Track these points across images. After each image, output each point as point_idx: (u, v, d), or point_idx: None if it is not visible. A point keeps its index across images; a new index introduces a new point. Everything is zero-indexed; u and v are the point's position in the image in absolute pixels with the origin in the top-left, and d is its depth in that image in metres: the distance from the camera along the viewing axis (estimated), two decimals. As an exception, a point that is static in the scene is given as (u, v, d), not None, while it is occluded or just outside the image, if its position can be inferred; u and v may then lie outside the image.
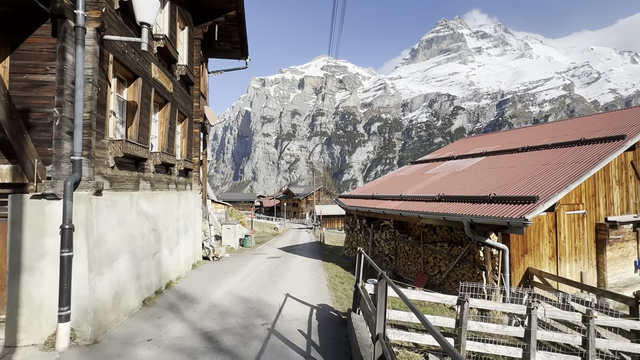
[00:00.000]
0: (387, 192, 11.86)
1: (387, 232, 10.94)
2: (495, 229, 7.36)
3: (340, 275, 9.79)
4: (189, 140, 11.34)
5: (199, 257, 11.52)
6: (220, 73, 14.42)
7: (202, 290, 7.73)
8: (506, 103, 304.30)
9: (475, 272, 7.91)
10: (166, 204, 8.31)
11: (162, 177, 8.38)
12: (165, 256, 8.01)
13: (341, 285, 8.50)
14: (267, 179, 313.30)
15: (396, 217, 9.92)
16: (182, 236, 9.58)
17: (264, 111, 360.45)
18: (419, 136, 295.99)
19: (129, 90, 6.91)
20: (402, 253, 10.39)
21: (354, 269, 11.45)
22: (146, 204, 6.95)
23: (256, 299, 6.95)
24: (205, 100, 13.50)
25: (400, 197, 10.45)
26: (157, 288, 7.30)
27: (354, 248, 12.92)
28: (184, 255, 9.74)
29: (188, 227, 10.28)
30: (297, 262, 12.51)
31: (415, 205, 9.42)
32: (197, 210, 11.41)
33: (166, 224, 8.16)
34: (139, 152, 6.49)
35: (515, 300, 7.22)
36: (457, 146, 16.10)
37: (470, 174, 10.39)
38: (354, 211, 12.12)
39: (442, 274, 8.79)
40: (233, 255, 14.05)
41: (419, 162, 15.62)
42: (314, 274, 9.79)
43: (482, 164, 11.13)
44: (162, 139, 8.84)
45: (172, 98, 9.25)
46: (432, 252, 9.14)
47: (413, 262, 9.89)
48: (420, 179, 12.20)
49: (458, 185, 9.60)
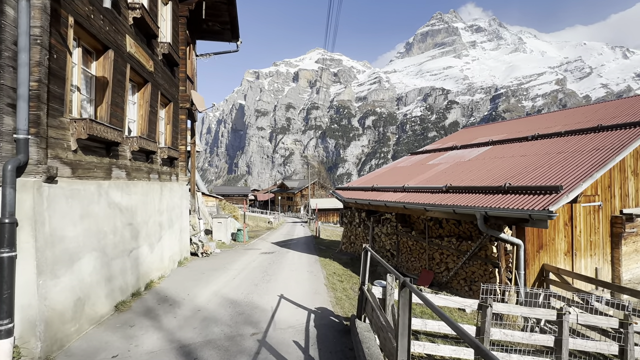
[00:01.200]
0: (388, 183, 11.12)
1: (389, 226, 10.22)
2: (510, 223, 6.66)
3: (338, 273, 9.06)
4: (174, 127, 10.44)
5: (186, 254, 10.70)
6: (209, 56, 13.45)
7: (187, 291, 6.93)
8: (500, 97, 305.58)
9: (487, 269, 7.22)
10: (146, 195, 7.45)
11: (141, 166, 7.51)
12: (145, 253, 7.18)
13: (340, 284, 7.77)
14: (262, 172, 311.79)
15: (399, 210, 9.19)
16: (166, 231, 8.74)
17: (258, 104, 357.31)
18: (413, 130, 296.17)
19: (99, 64, 6.00)
20: (404, 248, 9.68)
21: (353, 265, 10.75)
22: (120, 195, 6.10)
23: (246, 301, 6.17)
24: (193, 85, 12.56)
25: (403, 189, 9.71)
26: (135, 290, 6.49)
27: (352, 243, 12.21)
28: (169, 251, 8.91)
29: (173, 221, 9.44)
30: (292, 258, 11.75)
31: (420, 196, 8.69)
32: (183, 202, 10.56)
33: (146, 217, 7.32)
34: (110, 134, 5.62)
35: (531, 302, 6.56)
36: (459, 136, 15.39)
37: (477, 164, 9.68)
38: (353, 204, 11.37)
39: (450, 271, 8.10)
40: (224, 251, 13.25)
41: (420, 153, 14.89)
42: (311, 272, 9.05)
43: (489, 153, 10.43)
44: (142, 123, 7.95)
45: (153, 78, 8.34)
46: (439, 248, 8.44)
47: (417, 258, 9.19)
48: (422, 170, 11.47)
49: (465, 176, 8.89)
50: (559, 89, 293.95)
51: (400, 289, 2.66)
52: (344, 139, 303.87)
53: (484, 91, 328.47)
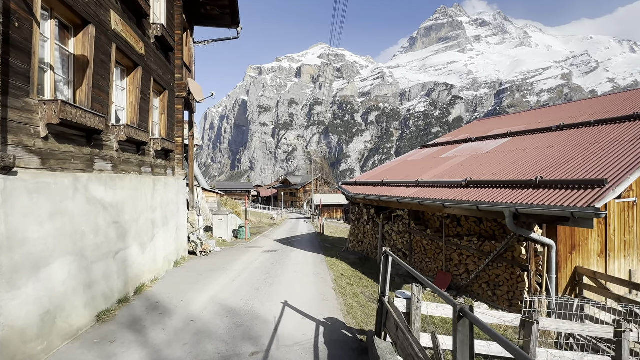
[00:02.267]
0: (399, 178, 10.37)
1: (400, 224, 9.49)
2: (544, 221, 5.91)
3: (347, 275, 8.35)
4: (170, 118, 9.72)
5: (183, 253, 10.04)
6: (207, 43, 12.69)
7: (180, 296, 6.25)
8: (504, 92, 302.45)
9: (514, 273, 6.48)
10: (136, 190, 6.76)
11: (130, 158, 6.81)
12: (135, 254, 6.50)
13: (350, 289, 7.06)
14: (265, 168, 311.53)
15: (413, 206, 8.45)
16: (160, 229, 8.06)
17: (261, 100, 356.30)
18: (417, 126, 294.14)
19: (78, 41, 5.28)
20: (418, 248, 8.95)
21: (362, 266, 10.04)
22: (103, 190, 5.40)
23: (246, 309, 5.48)
24: (191, 74, 11.83)
25: (417, 183, 8.96)
26: (122, 295, 5.81)
27: (361, 242, 11.49)
28: (163, 251, 8.24)
29: (168, 219, 8.77)
30: (296, 257, 11.06)
31: (436, 192, 7.94)
32: (180, 198, 9.88)
33: (136, 214, 6.63)
34: (89, 120, 4.91)
35: (562, 310, 5.83)
36: (472, 128, 14.57)
37: (497, 156, 8.90)
38: (361, 200, 10.64)
39: (470, 274, 7.37)
40: (224, 249, 12.59)
41: (431, 146, 14.10)
42: (317, 273, 8.35)
43: (509, 145, 9.64)
44: (132, 112, 7.24)
45: (145, 62, 7.61)
46: (457, 248, 7.70)
47: (432, 259, 8.46)
48: (435, 164, 10.70)
49: (486, 169, 8.11)
50: (565, 83, 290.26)
51: (456, 318, 1.93)
52: (346, 135, 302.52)
53: (488, 86, 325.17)
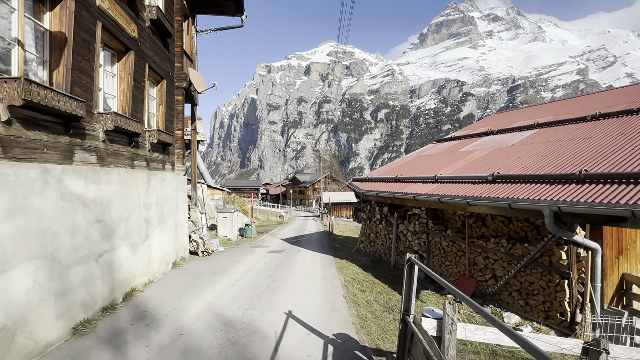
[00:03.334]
0: (415, 173, 9.56)
1: (417, 223, 8.70)
2: (592, 221, 5.06)
3: (359, 279, 7.61)
4: (169, 109, 9.12)
5: (184, 253, 9.45)
6: (210, 32, 12.06)
7: (174, 303, 5.61)
8: (517, 89, 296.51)
9: (551, 280, 5.65)
10: (126, 185, 6.14)
11: (121, 150, 6.20)
12: (124, 256, 5.88)
13: (362, 296, 6.32)
14: (274, 167, 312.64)
15: (431, 204, 7.65)
16: (156, 228, 7.46)
17: (270, 99, 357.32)
18: (427, 123, 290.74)
19: (54, 15, 4.65)
20: (437, 250, 8.15)
21: (375, 269, 9.28)
22: (83, 185, 4.78)
23: (244, 321, 4.80)
24: (193, 64, 11.21)
25: (435, 179, 8.15)
26: (107, 303, 5.20)
27: (373, 242, 10.72)
28: (160, 252, 7.64)
29: (166, 217, 8.16)
30: (303, 258, 10.37)
31: (458, 188, 7.12)
32: (180, 195, 9.28)
33: (125, 213, 6.02)
34: (65, 105, 4.28)
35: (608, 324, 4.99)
36: (492, 121, 13.62)
37: (526, 149, 8.02)
38: (373, 197, 9.87)
39: (498, 280, 6.55)
40: (228, 249, 11.98)
41: (447, 140, 13.21)
42: (325, 277, 7.63)
43: (538, 137, 8.74)
44: (124, 100, 6.63)
45: (138, 47, 6.99)
46: (483, 251, 6.88)
47: (454, 263, 7.65)
48: (454, 158, 9.86)
49: (514, 163, 7.26)
50: (581, 79, 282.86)
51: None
52: (356, 133, 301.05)
53: (500, 83, 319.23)
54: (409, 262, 3.11)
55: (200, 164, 19.74)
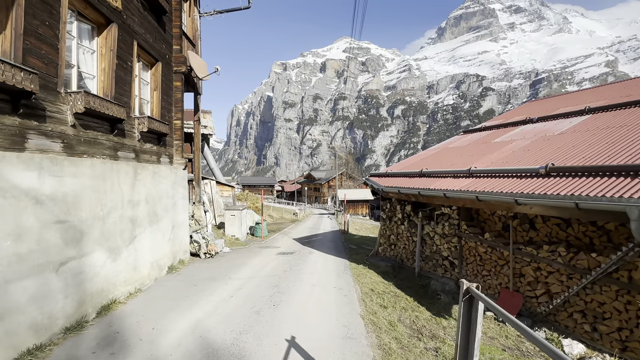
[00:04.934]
0: (443, 166, 8.31)
1: (446, 225, 7.48)
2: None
3: (378, 290, 6.48)
4: (166, 96, 8.20)
5: (183, 255, 8.55)
6: (214, 13, 11.09)
7: (155, 320, 4.65)
8: (540, 82, 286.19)
9: (633, 302, 4.36)
10: (103, 179, 5.21)
11: (99, 138, 5.27)
12: (99, 262, 4.96)
13: (384, 314, 5.19)
14: (289, 164, 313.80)
15: (466, 202, 6.42)
16: (146, 229, 6.54)
17: (286, 96, 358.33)
18: (445, 119, 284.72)
19: (-2, -35, 3.72)
20: (471, 257, 6.92)
21: (396, 277, 8.09)
22: (36, 176, 3.84)
23: (233, 351, 3.77)
24: (195, 49, 10.27)
25: (469, 173, 6.90)
26: (73, 321, 4.28)
27: (393, 245, 9.53)
28: (151, 255, 6.73)
29: (160, 215, 7.25)
30: (314, 262, 9.31)
31: (500, 183, 5.87)
32: (178, 191, 8.37)
33: (101, 211, 5.09)
34: (9, 77, 3.35)
35: None
36: (526, 109, 12.14)
37: (581, 137, 6.66)
38: (394, 194, 8.68)
39: (554, 297, 5.29)
40: (235, 250, 11.06)
41: (476, 131, 11.82)
42: (339, 288, 6.53)
43: (591, 123, 7.35)
44: (105, 80, 5.71)
45: (123, 20, 6.04)
46: (533, 260, 5.62)
47: (492, 273, 6.41)
48: (488, 150, 8.55)
49: (570, 153, 5.94)
50: (609, 71, 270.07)
51: None
52: (372, 130, 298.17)
53: (522, 76, 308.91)
54: (467, 294, 1.97)
55: (209, 159, 18.97)
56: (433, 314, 5.69)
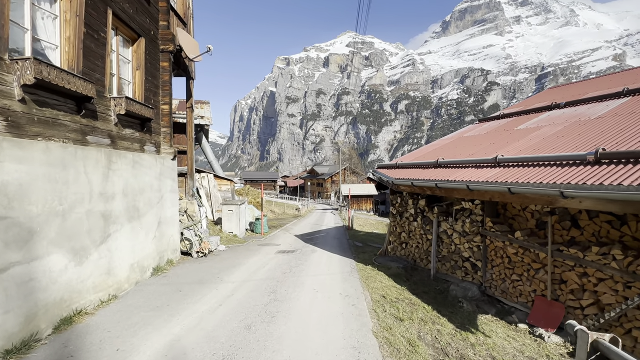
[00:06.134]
0: (461, 156, 7.39)
1: (467, 221, 6.57)
2: None
3: (390, 297, 5.61)
4: (151, 77, 7.32)
5: (171, 254, 7.72)
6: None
7: (123, 337, 3.82)
8: (546, 77, 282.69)
9: None
10: (64, 167, 4.35)
11: (59, 118, 4.41)
12: (58, 267, 4.12)
13: (400, 329, 4.32)
14: (292, 159, 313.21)
15: (493, 196, 5.51)
16: (123, 226, 5.70)
17: (289, 91, 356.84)
18: (449, 114, 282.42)
19: None
20: (498, 258, 6.02)
21: (409, 280, 7.02)
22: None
23: (213, 384, 2.93)
24: (186, 28, 9.37)
25: (496, 162, 5.98)
26: (16, 341, 3.44)
27: (404, 243, 8.63)
28: (131, 256, 5.89)
29: (142, 210, 6.41)
30: (317, 262, 8.45)
31: (538, 173, 4.95)
32: (166, 184, 7.52)
33: (60, 205, 4.24)
34: None
35: None
36: (550, 95, 11.13)
37: (626, 120, 5.72)
38: (406, 187, 7.78)
39: (604, 310, 4.39)
40: (231, 248, 10.23)
41: (493, 119, 10.84)
42: (346, 294, 5.66)
43: (635, 105, 6.39)
44: (70, 51, 4.83)
45: (92, -19, 5.15)
46: (577, 264, 4.72)
47: (525, 278, 5.51)
48: (512, 137, 7.61)
49: (618, 137, 5.00)
50: (617, 65, 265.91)
51: None
52: (375, 125, 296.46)
53: (528, 70, 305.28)
54: (595, 352, 1.08)
55: (207, 152, 18.13)
56: (457, 326, 4.81)
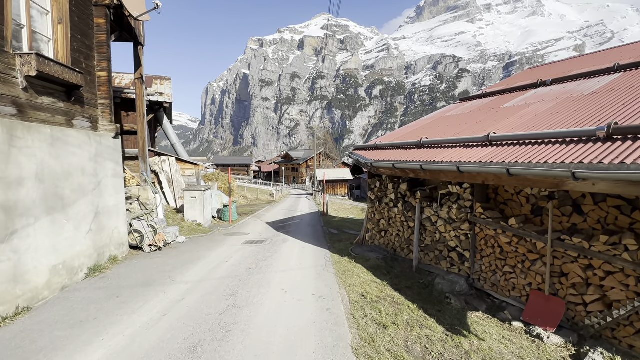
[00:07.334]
0: (447, 135, 6.68)
1: (455, 208, 5.91)
2: None
3: (371, 296, 4.86)
4: (80, 35, 5.96)
5: (116, 250, 6.58)
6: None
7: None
8: (513, 65, 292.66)
9: None
10: None
11: None
12: None
13: (385, 339, 3.56)
14: (267, 144, 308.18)
15: (488, 178, 4.81)
16: (39, 219, 4.52)
17: (263, 74, 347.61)
18: (422, 100, 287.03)
19: None
20: (488, 248, 5.41)
21: (390, 272, 6.21)
22: None
23: None
24: (131, -17, 7.88)
25: (488, 141, 5.28)
26: None
27: (384, 231, 7.92)
28: (54, 256, 4.75)
29: (70, 199, 5.22)
30: (289, 254, 7.60)
31: (540, 152, 4.28)
32: (105, 167, 6.29)
33: None
34: None
35: None
36: (532, 74, 10.66)
37: (625, 95, 5.17)
38: (386, 169, 7.00)
39: (612, 307, 3.85)
40: (193, 239, 9.15)
41: (475, 98, 10.25)
42: (319, 296, 4.84)
43: (629, 80, 5.88)
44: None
45: None
46: (581, 255, 4.14)
47: (519, 270, 4.92)
48: (499, 115, 6.98)
49: (623, 112, 4.41)
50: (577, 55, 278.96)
51: None
52: (350, 110, 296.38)
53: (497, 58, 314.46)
54: None
55: (169, 132, 16.57)
56: (447, 329, 4.15)
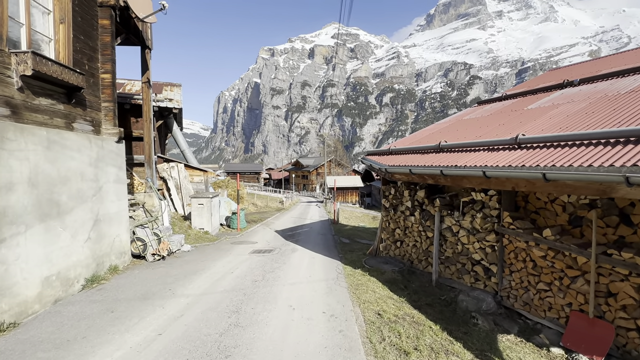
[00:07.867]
0: (467, 139, 6.20)
1: (479, 216, 5.41)
2: None
3: (388, 315, 4.38)
4: (83, 36, 5.75)
5: (117, 259, 6.26)
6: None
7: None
8: (526, 71, 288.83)
9: None
10: None
11: None
12: None
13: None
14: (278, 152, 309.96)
15: (519, 184, 4.31)
16: (30, 227, 4.22)
17: (273, 82, 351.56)
18: (433, 107, 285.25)
19: None
20: (519, 262, 4.88)
21: (407, 287, 5.64)
22: None
23: None
24: (139, -14, 7.72)
25: (516, 143, 4.80)
26: None
27: (399, 242, 7.40)
28: (47, 266, 4.43)
29: (67, 206, 4.92)
30: (297, 265, 7.16)
31: (576, 154, 3.78)
32: (106, 172, 6.02)
33: None
34: None
35: None
36: (557, 74, 10.10)
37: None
38: (403, 175, 6.54)
39: (677, 333, 3.29)
40: (198, 248, 8.81)
41: (495, 101, 9.73)
42: (331, 314, 4.39)
43: (673, 78, 5.33)
44: None
45: None
46: (633, 272, 3.60)
47: (556, 288, 4.38)
48: (524, 117, 6.47)
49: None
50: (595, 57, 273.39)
51: None
52: (360, 117, 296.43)
53: (509, 65, 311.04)
54: None
55: (179, 139, 16.45)
56: (476, 354, 3.65)
